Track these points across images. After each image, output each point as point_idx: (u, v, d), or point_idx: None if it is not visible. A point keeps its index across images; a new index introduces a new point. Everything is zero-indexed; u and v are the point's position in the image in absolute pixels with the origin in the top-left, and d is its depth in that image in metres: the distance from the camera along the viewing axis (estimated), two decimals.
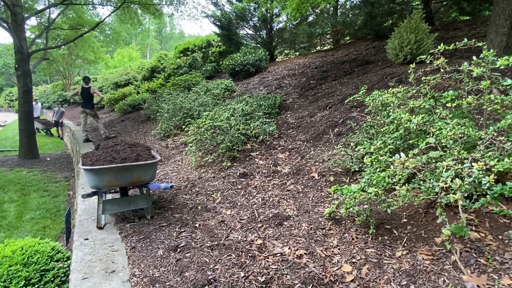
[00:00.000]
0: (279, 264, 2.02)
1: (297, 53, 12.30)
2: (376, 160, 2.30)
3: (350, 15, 10.72)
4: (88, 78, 7.88)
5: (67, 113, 16.81)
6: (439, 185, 1.77)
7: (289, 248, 2.16)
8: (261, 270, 1.98)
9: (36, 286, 2.06)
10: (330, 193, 2.78)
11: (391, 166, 2.05)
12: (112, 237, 2.61)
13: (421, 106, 2.43)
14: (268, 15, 10.92)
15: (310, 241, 2.22)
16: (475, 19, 8.11)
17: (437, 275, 1.69)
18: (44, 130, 13.41)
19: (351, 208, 2.23)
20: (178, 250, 2.31)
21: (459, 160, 1.87)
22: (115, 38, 13.05)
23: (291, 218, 2.58)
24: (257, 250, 2.20)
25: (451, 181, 1.70)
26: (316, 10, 10.48)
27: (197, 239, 2.44)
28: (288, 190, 3.11)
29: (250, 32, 12.04)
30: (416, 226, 2.11)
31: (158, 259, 2.22)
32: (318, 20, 10.97)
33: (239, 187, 3.36)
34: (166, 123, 6.54)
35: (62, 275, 2.20)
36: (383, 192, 2.05)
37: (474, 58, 2.14)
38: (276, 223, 2.54)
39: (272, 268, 1.98)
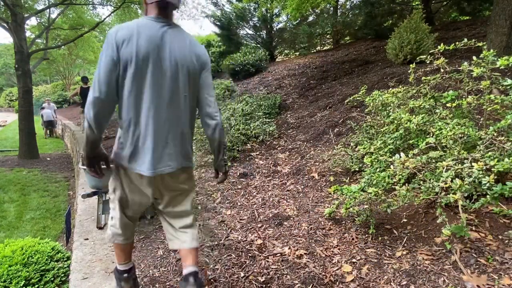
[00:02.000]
0: (279, 264, 2.02)
1: (297, 53, 12.31)
2: (376, 160, 2.30)
3: (350, 15, 10.73)
4: (87, 78, 7.88)
5: (67, 113, 16.81)
6: (439, 185, 1.77)
7: (289, 248, 2.16)
8: (261, 270, 1.98)
9: (36, 286, 2.06)
10: (330, 193, 2.78)
11: (391, 166, 2.05)
12: None
13: (421, 106, 2.43)
14: (268, 15, 10.92)
15: (310, 241, 2.22)
16: (475, 19, 8.12)
17: (437, 275, 1.69)
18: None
19: (351, 208, 2.23)
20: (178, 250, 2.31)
21: (459, 160, 1.87)
22: None
23: (291, 218, 2.57)
24: (257, 250, 2.20)
25: (451, 181, 1.70)
26: (316, 10, 10.49)
27: None
28: (288, 190, 3.11)
29: (250, 32, 12.04)
30: (416, 226, 2.11)
31: (158, 259, 2.22)
32: (318, 20, 10.98)
33: (239, 187, 3.36)
34: None
35: (62, 275, 2.20)
36: (383, 192, 2.05)
37: (474, 58, 2.14)
38: (276, 223, 2.54)
39: (272, 268, 1.98)
